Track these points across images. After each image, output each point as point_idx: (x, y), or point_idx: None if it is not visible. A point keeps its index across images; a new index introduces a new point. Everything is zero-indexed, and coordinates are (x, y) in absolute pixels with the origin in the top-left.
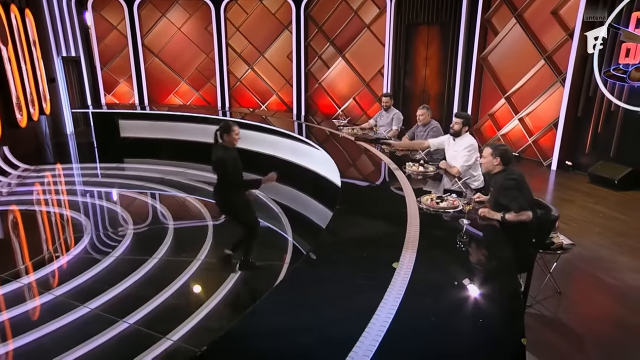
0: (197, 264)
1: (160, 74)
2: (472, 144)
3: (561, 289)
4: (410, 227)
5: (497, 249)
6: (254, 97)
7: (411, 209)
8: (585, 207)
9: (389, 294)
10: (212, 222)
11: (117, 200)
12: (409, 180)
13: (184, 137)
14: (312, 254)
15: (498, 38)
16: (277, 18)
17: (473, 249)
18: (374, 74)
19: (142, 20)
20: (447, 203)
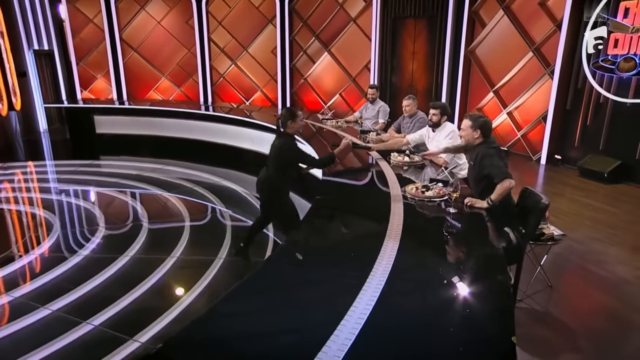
0: (172, 262)
1: (139, 69)
2: (453, 131)
3: (552, 283)
4: (393, 216)
5: (485, 239)
6: (237, 93)
7: (395, 198)
8: (575, 200)
9: (367, 287)
10: (190, 220)
11: (89, 198)
12: (393, 171)
13: (164, 133)
14: (299, 254)
15: (486, 30)
16: (260, 12)
17: (460, 239)
18: (360, 69)
19: (119, 14)
20: (433, 192)
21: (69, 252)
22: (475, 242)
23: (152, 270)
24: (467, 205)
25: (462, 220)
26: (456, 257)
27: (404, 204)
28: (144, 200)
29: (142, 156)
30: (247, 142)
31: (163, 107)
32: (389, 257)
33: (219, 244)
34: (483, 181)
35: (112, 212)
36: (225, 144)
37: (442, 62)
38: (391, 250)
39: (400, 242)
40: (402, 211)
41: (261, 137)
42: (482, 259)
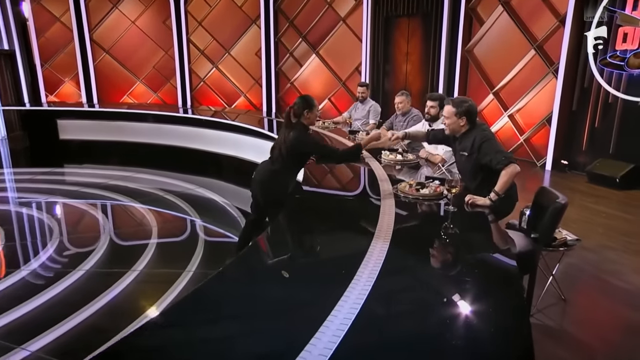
0: (133, 276)
1: (111, 72)
2: None
3: (565, 295)
4: (383, 216)
5: (492, 243)
6: (219, 98)
7: (385, 196)
8: (586, 207)
9: (348, 296)
10: (158, 231)
11: (43, 207)
12: (385, 170)
13: (136, 139)
14: (285, 272)
15: (484, 28)
16: (243, 11)
17: (461, 243)
18: (350, 72)
19: (90, 12)
20: (428, 190)
21: (11, 267)
22: (480, 246)
23: (109, 286)
24: (469, 204)
25: (463, 221)
26: (458, 265)
27: (396, 203)
28: (106, 209)
29: (112, 164)
30: (228, 148)
31: (134, 110)
32: (376, 261)
33: (189, 256)
34: (481, 172)
35: (69, 222)
36: (203, 150)
37: (438, 63)
38: (379, 253)
39: (390, 245)
40: (394, 210)
41: (243, 142)
42: (489, 267)
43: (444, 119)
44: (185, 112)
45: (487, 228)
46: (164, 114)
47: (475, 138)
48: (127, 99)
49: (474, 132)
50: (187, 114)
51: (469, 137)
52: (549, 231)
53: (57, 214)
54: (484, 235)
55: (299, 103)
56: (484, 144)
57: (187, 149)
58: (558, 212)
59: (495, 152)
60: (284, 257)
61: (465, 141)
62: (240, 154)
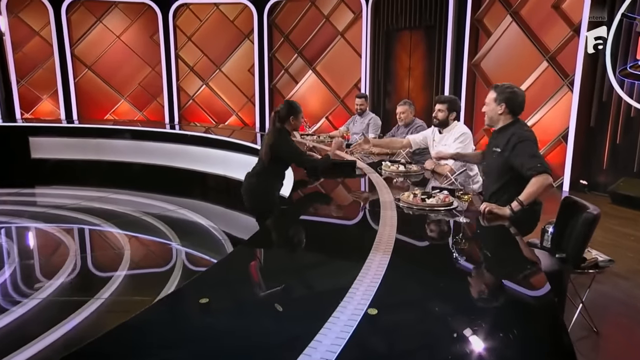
0: (95, 305)
1: (94, 89)
2: (464, 133)
3: (597, 328)
4: (383, 227)
5: (515, 261)
6: (209, 117)
7: (386, 208)
8: (611, 229)
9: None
10: (129, 252)
11: (1, 231)
12: (386, 183)
13: (116, 157)
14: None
15: (492, 40)
16: (236, 26)
17: (478, 261)
18: (349, 89)
19: (72, 26)
20: (436, 200)
21: None
22: (500, 265)
23: (66, 316)
24: (485, 213)
25: (478, 234)
26: (475, 288)
27: (398, 214)
28: (73, 232)
29: (88, 184)
30: (216, 166)
31: (113, 126)
32: (374, 276)
33: (163, 283)
34: (507, 174)
35: (30, 246)
36: (189, 169)
37: (443, 78)
38: (378, 267)
39: (391, 259)
40: (395, 221)
41: (232, 159)
42: (514, 295)
43: (484, 106)
44: (172, 127)
45: (508, 243)
46: (147, 129)
47: (512, 135)
48: (110, 117)
49: (513, 128)
50: (173, 129)
51: (505, 133)
52: (579, 248)
53: (15, 238)
54: (505, 253)
55: (283, 108)
56: (520, 143)
57: (171, 168)
58: (590, 224)
59: (531, 155)
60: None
61: (500, 137)
62: (229, 172)
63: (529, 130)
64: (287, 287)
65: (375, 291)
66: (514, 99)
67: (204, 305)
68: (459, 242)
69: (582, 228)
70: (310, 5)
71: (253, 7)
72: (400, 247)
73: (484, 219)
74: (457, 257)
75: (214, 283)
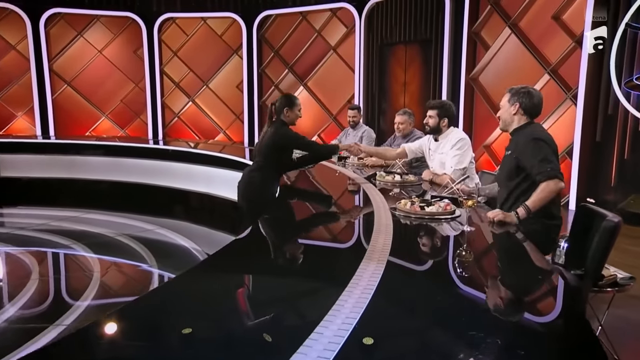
0: (56, 332)
1: (73, 106)
2: (461, 138)
3: (618, 355)
4: (378, 235)
5: (528, 277)
6: (195, 135)
7: (380, 214)
8: (626, 250)
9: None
10: (98, 274)
11: None
12: (381, 193)
13: (91, 175)
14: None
15: (490, 53)
16: (224, 41)
17: (485, 274)
18: (342, 105)
19: (50, 40)
20: (436, 207)
21: None
22: (512, 281)
23: (22, 344)
24: (494, 221)
25: (483, 244)
26: (486, 305)
27: (394, 222)
28: (38, 254)
29: (61, 204)
30: (200, 184)
31: (89, 142)
32: (366, 287)
33: None
34: (518, 177)
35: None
36: (171, 187)
37: (440, 93)
38: (371, 277)
39: (385, 270)
40: (391, 229)
41: (218, 176)
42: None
43: (500, 111)
44: (156, 143)
45: (519, 255)
46: (124, 144)
47: (526, 135)
48: (90, 135)
49: (529, 128)
50: (157, 144)
51: (519, 134)
52: (599, 261)
53: None
54: (517, 266)
55: (279, 100)
56: (533, 142)
57: (151, 186)
58: (610, 234)
59: (542, 158)
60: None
61: (513, 139)
62: (213, 190)
63: (543, 131)
64: (267, 299)
65: (360, 316)
66: (528, 98)
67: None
68: (462, 254)
69: (602, 238)
70: (302, 19)
71: (242, 21)
72: (394, 266)
73: (493, 225)
74: (460, 272)
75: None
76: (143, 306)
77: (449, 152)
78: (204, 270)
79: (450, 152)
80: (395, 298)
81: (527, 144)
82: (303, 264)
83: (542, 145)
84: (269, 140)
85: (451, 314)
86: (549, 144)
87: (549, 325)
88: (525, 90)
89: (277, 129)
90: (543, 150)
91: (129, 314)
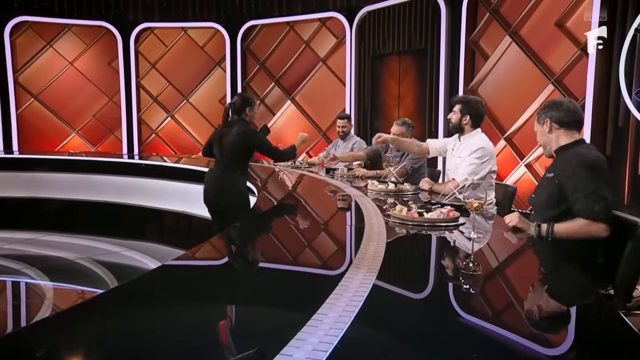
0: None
1: (40, 122)
2: (482, 147)
3: None
4: (369, 242)
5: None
6: (174, 153)
7: (373, 224)
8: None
9: None
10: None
11: None
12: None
13: (55, 194)
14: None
15: (489, 63)
16: (206, 52)
17: (499, 292)
18: (332, 120)
19: (16, 50)
20: (437, 214)
21: None
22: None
23: None
24: (509, 228)
25: (494, 255)
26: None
27: (388, 229)
28: None
29: (17, 227)
30: (174, 202)
31: (52, 156)
32: (352, 300)
33: None
34: (559, 207)
35: None
36: (143, 206)
37: (437, 107)
38: (359, 287)
39: (376, 280)
40: (385, 237)
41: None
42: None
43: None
44: (131, 157)
45: (539, 267)
46: (93, 159)
47: (573, 156)
48: (55, 151)
49: (577, 148)
50: (127, 159)
51: (564, 154)
52: (632, 278)
53: None
54: (536, 280)
55: (238, 101)
56: (585, 170)
57: (122, 205)
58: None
59: (590, 192)
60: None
61: (557, 160)
62: (191, 209)
63: (598, 155)
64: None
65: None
66: (556, 109)
67: None
68: (469, 263)
69: (635, 251)
70: (289, 29)
71: (225, 32)
72: (390, 265)
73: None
74: (468, 285)
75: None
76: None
77: (466, 159)
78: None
79: (467, 159)
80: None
81: (577, 170)
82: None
83: (596, 175)
84: (238, 139)
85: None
86: (605, 174)
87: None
88: (550, 103)
89: (244, 128)
90: (595, 183)
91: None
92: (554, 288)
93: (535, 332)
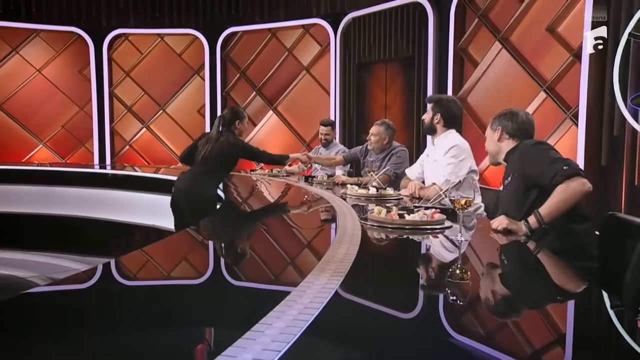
0: None
1: (4, 132)
2: (456, 145)
3: None
4: (338, 245)
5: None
6: (148, 165)
7: (347, 226)
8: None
9: None
10: None
11: None
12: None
13: (12, 208)
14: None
15: (479, 71)
16: (184, 60)
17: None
18: (316, 131)
19: None
20: (419, 215)
21: None
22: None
23: None
24: (497, 230)
25: (484, 259)
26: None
27: (363, 233)
28: None
29: None
30: (143, 215)
31: (10, 167)
32: (306, 308)
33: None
34: (529, 198)
35: None
36: (111, 220)
37: None
38: (318, 293)
39: (342, 285)
40: (358, 240)
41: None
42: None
43: (486, 142)
44: (103, 167)
45: (534, 274)
46: (56, 169)
47: (523, 149)
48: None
49: (520, 146)
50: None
51: (514, 153)
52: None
53: None
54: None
55: (228, 114)
56: (531, 148)
57: (86, 220)
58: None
59: (552, 160)
60: None
61: (510, 160)
62: (160, 222)
63: (539, 142)
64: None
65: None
66: (511, 119)
67: None
68: (456, 269)
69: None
70: (271, 36)
71: (204, 39)
72: (364, 270)
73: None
74: (455, 296)
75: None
76: None
77: (441, 160)
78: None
79: (443, 160)
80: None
81: (525, 155)
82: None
83: (541, 149)
84: (224, 148)
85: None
86: (548, 146)
87: None
88: (506, 112)
89: (235, 140)
90: (550, 153)
91: None
92: (545, 293)
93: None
